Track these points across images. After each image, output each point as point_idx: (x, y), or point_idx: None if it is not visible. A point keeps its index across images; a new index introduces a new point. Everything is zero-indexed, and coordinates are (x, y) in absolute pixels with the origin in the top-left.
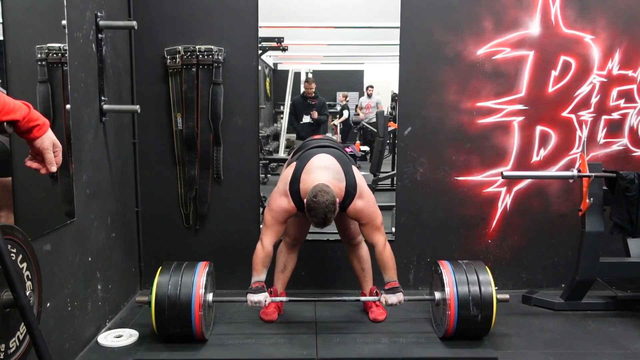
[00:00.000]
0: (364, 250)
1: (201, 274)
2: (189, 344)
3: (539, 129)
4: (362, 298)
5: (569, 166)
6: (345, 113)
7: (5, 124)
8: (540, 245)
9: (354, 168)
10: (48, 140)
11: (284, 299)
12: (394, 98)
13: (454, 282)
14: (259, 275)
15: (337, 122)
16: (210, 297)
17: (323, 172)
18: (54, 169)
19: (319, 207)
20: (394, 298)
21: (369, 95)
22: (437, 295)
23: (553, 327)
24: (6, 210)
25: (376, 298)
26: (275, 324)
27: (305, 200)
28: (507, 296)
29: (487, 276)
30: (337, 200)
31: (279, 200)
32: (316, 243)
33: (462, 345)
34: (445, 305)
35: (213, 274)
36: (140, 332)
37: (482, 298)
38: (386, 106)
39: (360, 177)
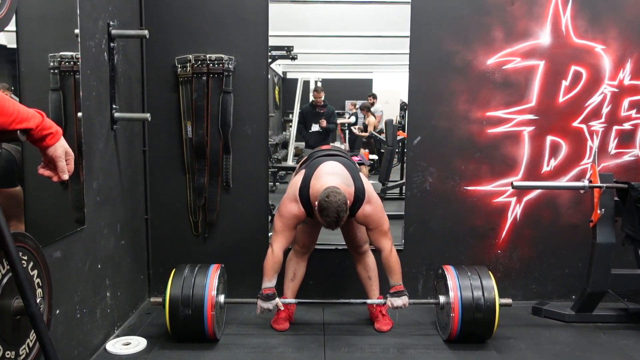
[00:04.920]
0: (371, 258)
1: (213, 276)
2: (200, 343)
3: (549, 139)
4: (369, 301)
5: (579, 177)
6: (353, 118)
7: (18, 132)
8: (550, 256)
9: (362, 175)
10: (61, 148)
11: (292, 300)
12: (403, 107)
13: (457, 286)
14: (269, 281)
15: (343, 121)
16: (222, 298)
17: (332, 177)
18: (66, 176)
19: (331, 207)
20: (399, 301)
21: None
22: (442, 299)
23: (564, 339)
24: (15, 220)
25: (382, 301)
26: (283, 332)
27: (316, 202)
28: (509, 300)
29: (490, 281)
30: (348, 202)
31: (289, 206)
32: (325, 252)
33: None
34: (450, 308)
35: (225, 276)
36: (148, 339)
37: (485, 301)
38: (395, 115)
39: (368, 183)
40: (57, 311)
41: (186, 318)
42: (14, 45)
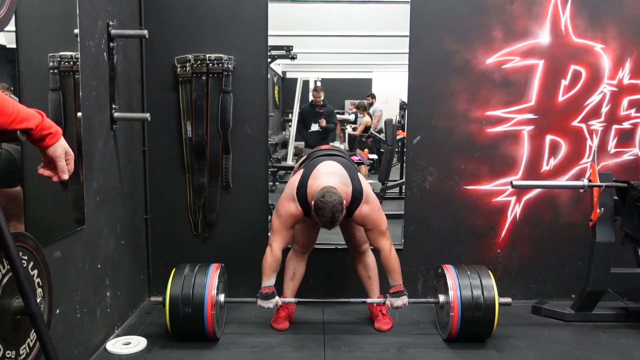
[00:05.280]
0: (371, 258)
1: (213, 275)
2: (200, 343)
3: (549, 138)
4: (368, 300)
5: (579, 176)
6: (353, 116)
7: (18, 132)
8: (550, 255)
9: (360, 175)
10: (60, 148)
11: (292, 299)
12: (402, 106)
13: (457, 285)
14: (269, 280)
15: (342, 117)
16: (222, 297)
17: (330, 177)
18: (66, 176)
19: (326, 207)
20: (399, 301)
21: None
22: (442, 298)
23: (563, 338)
24: (15, 220)
25: (381, 300)
26: (283, 332)
27: (312, 202)
28: (509, 300)
29: (490, 280)
30: (344, 202)
31: (287, 206)
32: (324, 251)
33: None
34: (449, 307)
35: (225, 275)
36: (148, 339)
37: (484, 301)
38: (394, 115)
39: (366, 183)
40: (57, 311)
41: (186, 317)
42: (14, 45)
